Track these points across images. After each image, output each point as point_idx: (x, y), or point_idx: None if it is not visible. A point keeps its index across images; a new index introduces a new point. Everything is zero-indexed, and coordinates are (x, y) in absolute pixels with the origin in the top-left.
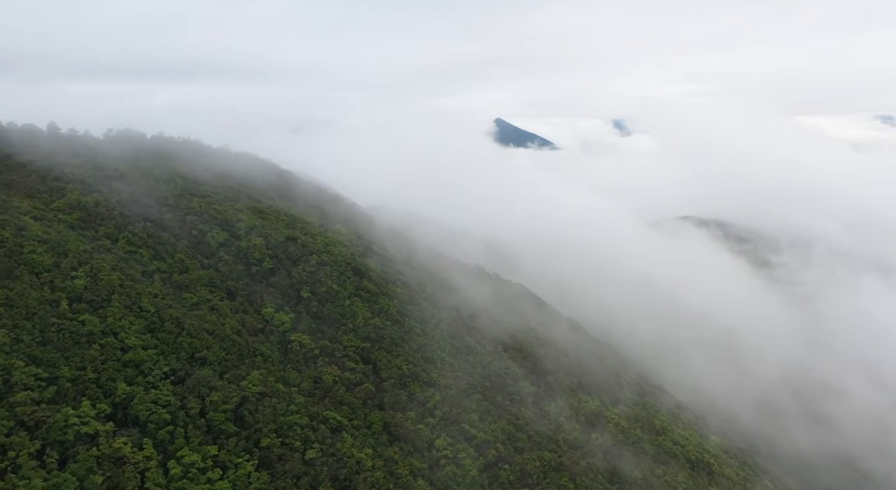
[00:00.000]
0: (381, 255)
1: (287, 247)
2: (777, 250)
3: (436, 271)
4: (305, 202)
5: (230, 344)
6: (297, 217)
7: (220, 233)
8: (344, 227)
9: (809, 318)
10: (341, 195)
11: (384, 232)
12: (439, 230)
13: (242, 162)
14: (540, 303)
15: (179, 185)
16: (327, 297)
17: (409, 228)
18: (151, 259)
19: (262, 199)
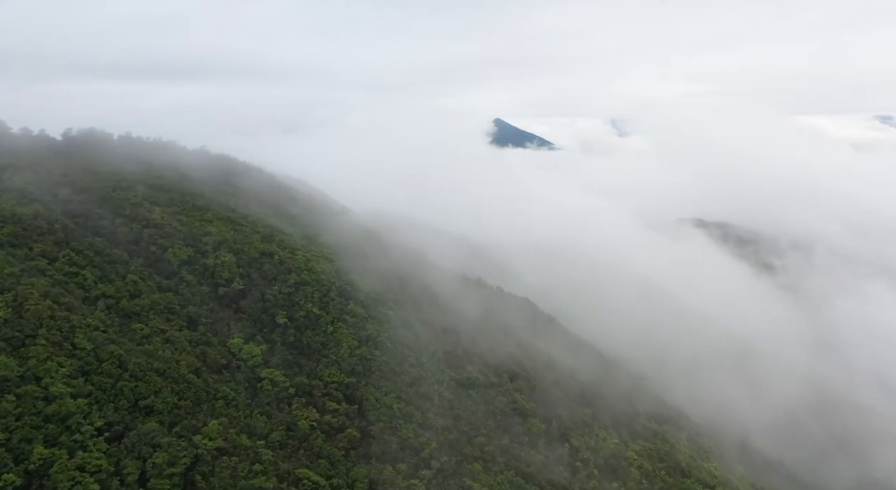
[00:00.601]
0: (372, 270)
1: (262, 264)
2: (779, 253)
3: (433, 286)
4: (290, 210)
5: (185, 386)
6: (277, 228)
7: (183, 248)
8: (331, 237)
9: (820, 327)
10: (332, 201)
11: (377, 241)
12: (436, 237)
13: (220, 165)
14: (546, 319)
15: (140, 193)
16: (307, 322)
17: (404, 236)
18: (97, 282)
19: (237, 207)
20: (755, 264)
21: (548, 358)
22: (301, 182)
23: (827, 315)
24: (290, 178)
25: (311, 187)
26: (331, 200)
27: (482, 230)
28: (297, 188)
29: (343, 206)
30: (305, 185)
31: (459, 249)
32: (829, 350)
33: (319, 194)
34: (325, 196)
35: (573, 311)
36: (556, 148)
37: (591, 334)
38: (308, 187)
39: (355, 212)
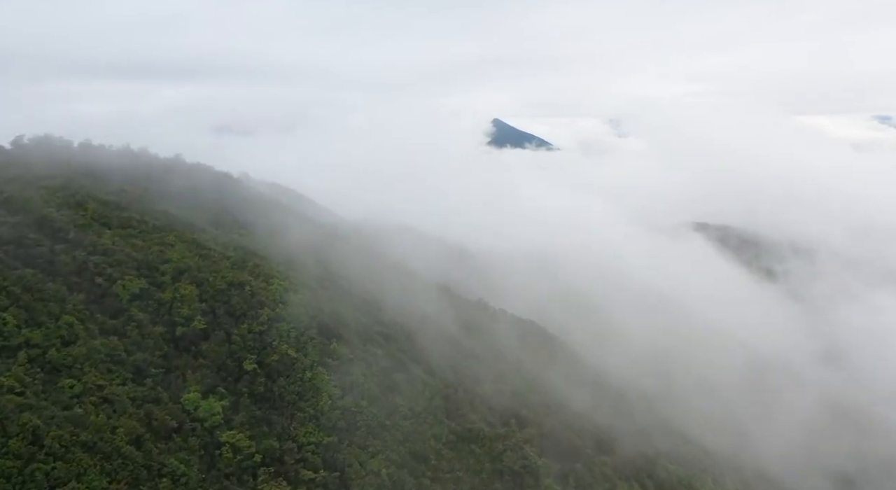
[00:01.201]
0: (360, 296)
1: (229, 297)
2: (781, 258)
3: (430, 311)
4: (269, 227)
5: (119, 463)
6: (251, 251)
7: (135, 280)
8: (314, 258)
9: (828, 338)
10: (321, 212)
11: (367, 260)
12: (430, 248)
13: (194, 177)
14: (553, 345)
15: (90, 212)
16: (281, 368)
17: (399, 251)
18: (21, 326)
19: (207, 227)
20: (758, 270)
21: (557, 394)
22: (292, 193)
23: (834, 324)
24: (277, 188)
25: (302, 197)
26: (323, 213)
27: (478, 237)
28: (287, 202)
29: (335, 221)
30: (296, 196)
31: (455, 262)
32: (839, 362)
33: (310, 206)
34: (317, 207)
35: (572, 323)
36: (556, 148)
37: (594, 351)
38: (299, 199)
39: (347, 221)
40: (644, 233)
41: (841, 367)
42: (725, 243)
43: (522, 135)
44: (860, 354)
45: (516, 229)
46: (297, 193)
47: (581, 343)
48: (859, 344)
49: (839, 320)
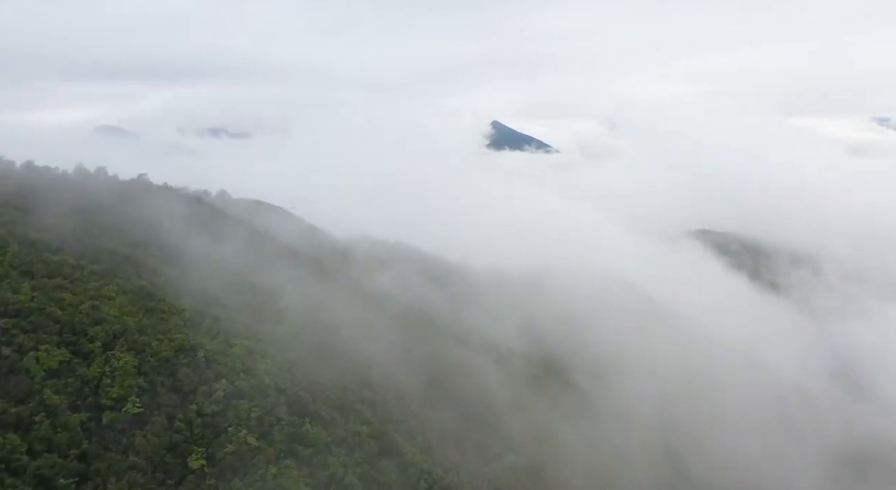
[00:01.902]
0: (345, 352)
1: (177, 367)
2: (783, 267)
3: (431, 364)
4: (240, 266)
5: None
6: (213, 299)
7: (54, 350)
8: (291, 303)
9: (845, 358)
10: (307, 235)
11: (352, 297)
12: (434, 274)
13: (156, 204)
14: (563, 387)
15: (9, 257)
16: (238, 463)
17: (388, 280)
18: None
19: (162, 269)
20: (762, 281)
21: (582, 461)
22: (277, 211)
23: (843, 340)
24: (261, 207)
25: (290, 217)
26: (309, 237)
27: (471, 250)
28: (269, 226)
29: (327, 242)
30: (282, 215)
31: (446, 281)
32: (853, 383)
33: (295, 229)
34: (303, 229)
35: (569, 346)
36: (555, 150)
37: (598, 382)
38: (286, 218)
39: (335, 243)
40: (643, 242)
41: (857, 390)
42: (725, 251)
43: (521, 137)
44: (873, 374)
45: (510, 242)
46: (283, 211)
47: (582, 368)
48: (871, 361)
49: (848, 335)
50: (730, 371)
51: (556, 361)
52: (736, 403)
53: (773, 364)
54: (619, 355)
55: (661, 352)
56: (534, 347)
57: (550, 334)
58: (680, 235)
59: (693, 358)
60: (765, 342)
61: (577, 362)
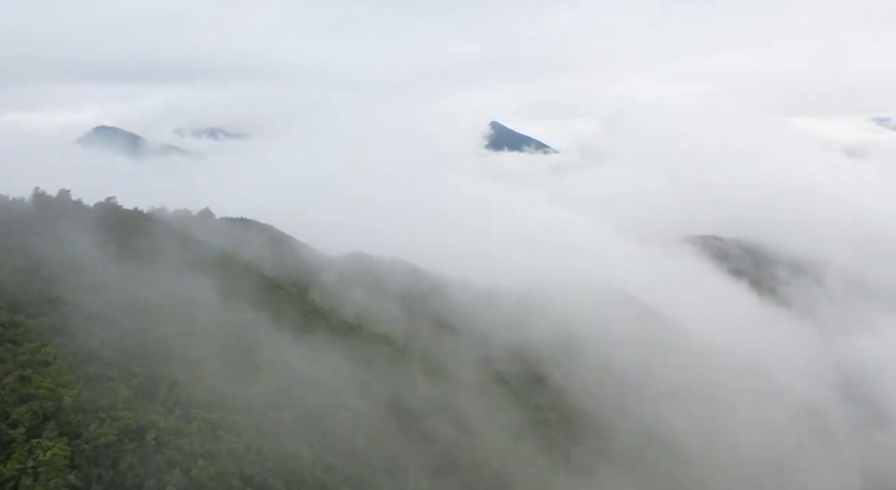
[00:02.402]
0: (331, 414)
1: (118, 455)
2: (784, 275)
3: (425, 416)
4: (207, 313)
5: None
6: (173, 355)
7: None
8: (259, 353)
9: (851, 372)
10: (294, 256)
11: (349, 337)
12: (428, 294)
13: (119, 238)
14: (580, 435)
15: None
16: None
17: (390, 311)
18: None
19: (118, 319)
20: (766, 290)
21: None
22: (264, 230)
23: (848, 352)
24: (247, 226)
25: (276, 237)
26: (296, 258)
27: (465, 263)
28: (252, 254)
29: (314, 260)
30: (269, 236)
31: (440, 298)
32: (865, 402)
33: (281, 251)
34: (291, 249)
35: (566, 366)
36: (554, 151)
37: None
38: (272, 241)
39: (324, 260)
40: (642, 250)
41: (873, 416)
42: (725, 257)
43: (520, 137)
44: (886, 394)
45: (504, 254)
46: (271, 230)
47: (578, 385)
48: (881, 379)
49: (854, 349)
50: (738, 392)
51: (555, 391)
52: (746, 427)
53: (783, 383)
54: (619, 379)
55: (666, 371)
56: (529, 373)
57: (546, 356)
58: (678, 241)
59: (700, 381)
60: (770, 355)
61: (575, 388)
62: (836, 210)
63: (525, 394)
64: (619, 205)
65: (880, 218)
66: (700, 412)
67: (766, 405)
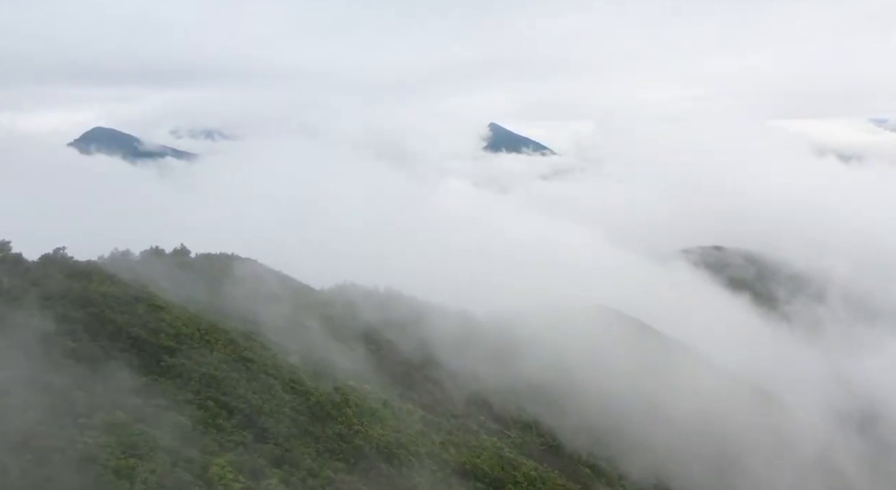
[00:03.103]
0: None
1: None
2: (784, 289)
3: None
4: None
5: None
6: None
7: None
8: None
9: (864, 399)
10: (278, 294)
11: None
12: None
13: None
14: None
15: None
16: None
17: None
18: None
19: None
20: (766, 306)
21: None
22: (249, 268)
23: (859, 377)
24: (231, 262)
25: (263, 276)
26: (281, 297)
27: (452, 288)
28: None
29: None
30: (255, 274)
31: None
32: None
33: (270, 289)
34: (276, 288)
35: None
36: (553, 153)
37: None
38: (258, 281)
39: (322, 291)
40: (639, 263)
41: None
42: (720, 270)
43: (519, 139)
44: None
45: (492, 272)
46: (255, 265)
47: (573, 427)
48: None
49: (862, 371)
50: (754, 431)
51: (547, 433)
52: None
53: (802, 420)
54: (620, 416)
55: (674, 406)
56: (518, 412)
57: (538, 394)
58: (676, 252)
59: (712, 416)
60: (781, 380)
61: (570, 431)
62: (837, 218)
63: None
64: (613, 213)
65: (881, 227)
66: (715, 455)
67: (785, 446)
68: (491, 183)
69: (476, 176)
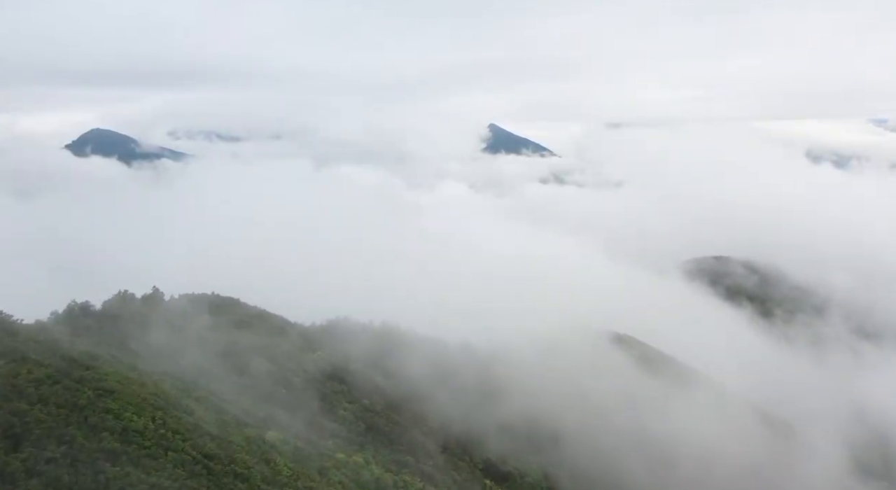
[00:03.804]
0: None
1: None
2: (787, 303)
3: None
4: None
5: None
6: None
7: None
8: None
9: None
10: (267, 337)
11: None
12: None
13: None
14: None
15: None
16: None
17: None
18: None
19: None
20: (768, 320)
21: None
22: (230, 307)
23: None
24: (207, 304)
25: (250, 318)
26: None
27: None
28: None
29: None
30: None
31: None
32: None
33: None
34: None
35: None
36: (552, 154)
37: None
38: (243, 323)
39: (312, 327)
40: (636, 276)
41: None
42: (718, 283)
43: (518, 140)
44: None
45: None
46: (235, 305)
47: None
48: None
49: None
50: (771, 459)
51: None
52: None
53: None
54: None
55: (686, 441)
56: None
57: (526, 440)
58: (673, 265)
59: (730, 447)
60: (787, 401)
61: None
62: (837, 227)
63: None
64: (611, 221)
65: (882, 236)
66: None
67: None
68: (489, 185)
69: (474, 178)
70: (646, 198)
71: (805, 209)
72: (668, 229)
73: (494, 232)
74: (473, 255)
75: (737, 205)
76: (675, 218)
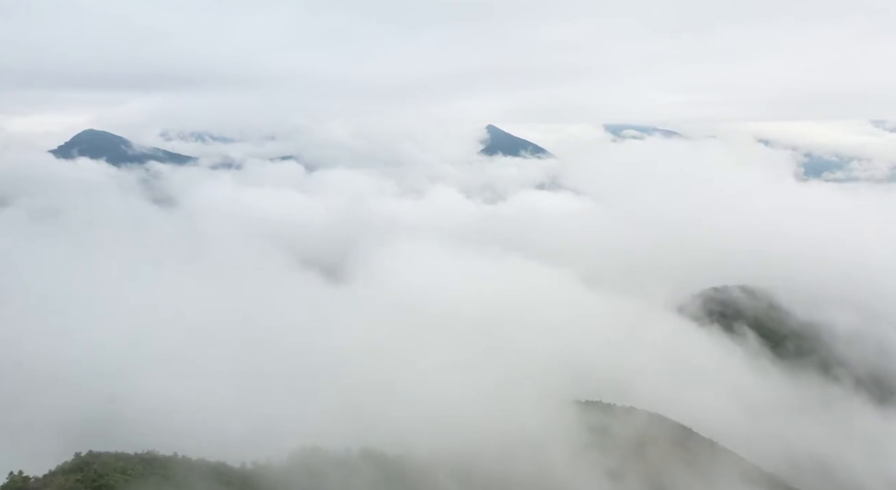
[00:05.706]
0: None
1: None
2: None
3: None
4: None
5: None
6: None
7: None
8: None
9: None
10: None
11: None
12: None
13: None
14: None
15: None
16: None
17: None
18: None
19: None
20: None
21: None
22: None
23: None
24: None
25: None
26: None
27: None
28: None
29: None
30: None
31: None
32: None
33: None
34: None
35: None
36: (550, 155)
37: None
38: None
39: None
40: (627, 313)
41: None
42: (714, 316)
43: (516, 141)
44: None
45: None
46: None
47: None
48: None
49: None
50: None
51: None
52: None
53: None
54: None
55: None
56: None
57: None
58: (660, 297)
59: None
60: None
61: None
62: (839, 251)
63: None
64: (607, 232)
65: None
66: None
67: None
68: (482, 190)
69: (468, 182)
70: (636, 212)
71: (802, 233)
72: (657, 254)
73: (479, 274)
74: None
75: (733, 230)
76: (664, 240)
